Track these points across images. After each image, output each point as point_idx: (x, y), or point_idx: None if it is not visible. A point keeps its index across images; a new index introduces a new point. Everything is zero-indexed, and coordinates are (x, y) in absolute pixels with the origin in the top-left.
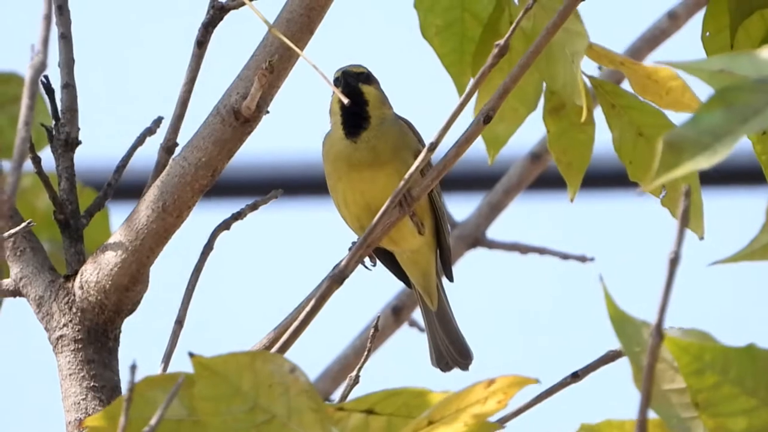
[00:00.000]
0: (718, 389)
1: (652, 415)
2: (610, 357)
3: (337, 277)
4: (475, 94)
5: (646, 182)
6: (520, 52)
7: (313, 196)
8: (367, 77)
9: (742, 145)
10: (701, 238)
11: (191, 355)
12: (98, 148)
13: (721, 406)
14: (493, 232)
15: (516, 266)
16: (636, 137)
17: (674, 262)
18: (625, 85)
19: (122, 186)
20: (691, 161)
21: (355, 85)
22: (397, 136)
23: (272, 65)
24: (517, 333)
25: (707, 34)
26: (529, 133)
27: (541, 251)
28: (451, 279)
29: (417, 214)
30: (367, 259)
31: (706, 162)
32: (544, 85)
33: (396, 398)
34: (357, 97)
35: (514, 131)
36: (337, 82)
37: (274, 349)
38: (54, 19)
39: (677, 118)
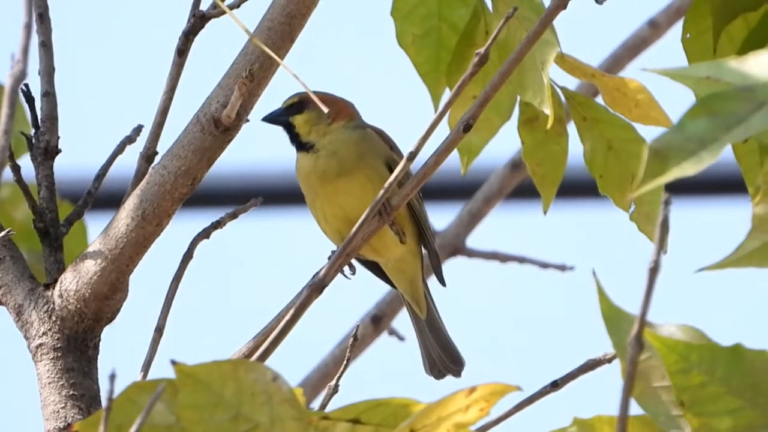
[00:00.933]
0: (704, 389)
1: (639, 411)
2: (589, 366)
3: (317, 286)
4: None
5: (616, 196)
6: (495, 63)
7: (292, 205)
8: (299, 105)
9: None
10: (664, 252)
11: (173, 362)
12: (78, 156)
13: (706, 406)
14: (473, 240)
15: (496, 275)
16: (606, 150)
17: (654, 271)
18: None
19: (101, 195)
20: (677, 168)
21: (284, 120)
22: (356, 141)
23: (252, 74)
24: (497, 341)
25: (688, 36)
26: (509, 142)
27: (521, 260)
28: (443, 284)
29: (397, 222)
30: (346, 268)
31: (691, 169)
32: (518, 96)
33: (383, 408)
34: (290, 130)
35: (488, 141)
36: (268, 121)
37: (253, 358)
38: (34, 27)
39: (646, 131)
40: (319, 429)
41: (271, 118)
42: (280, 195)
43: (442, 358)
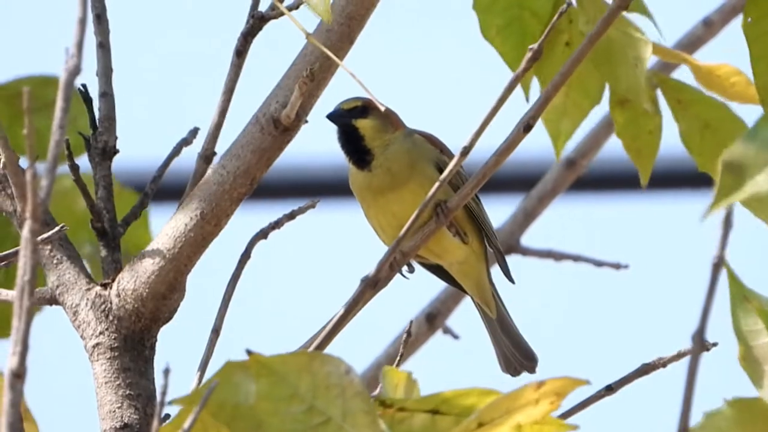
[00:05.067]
0: None
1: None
2: (644, 370)
3: (371, 282)
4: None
5: (717, 174)
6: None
7: (349, 201)
8: (363, 110)
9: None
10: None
11: (249, 352)
12: (136, 154)
13: None
14: (527, 238)
15: (551, 273)
16: (703, 129)
17: (717, 267)
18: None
19: (159, 189)
20: (751, 182)
21: (348, 122)
22: (407, 154)
23: (313, 73)
24: (551, 342)
25: (749, 20)
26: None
27: (575, 258)
28: (512, 281)
29: (457, 224)
30: (404, 268)
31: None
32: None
33: (463, 398)
34: (353, 133)
35: (579, 125)
36: (332, 119)
37: None
38: (92, 28)
39: (743, 110)
40: (395, 420)
41: (335, 117)
42: (337, 191)
43: (516, 355)
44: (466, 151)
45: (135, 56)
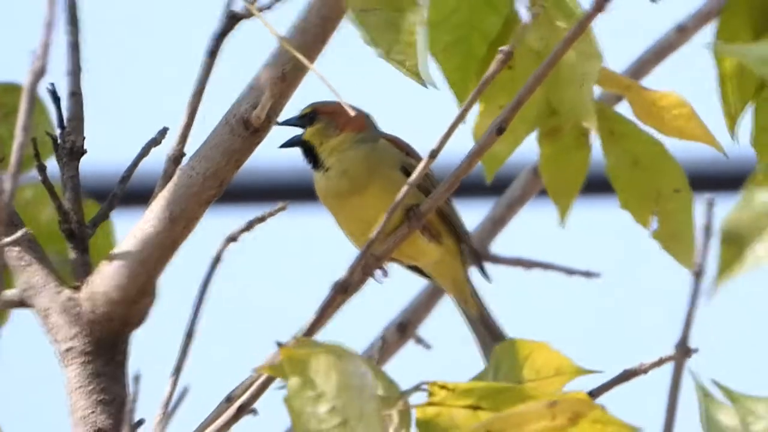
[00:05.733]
0: None
1: None
2: (625, 376)
3: (341, 287)
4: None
5: (637, 213)
6: (526, 73)
7: (321, 204)
8: (312, 116)
9: None
10: (692, 270)
11: (280, 345)
12: (103, 156)
13: None
14: (496, 246)
15: (520, 281)
16: (631, 166)
17: (698, 275)
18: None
19: (127, 191)
20: (752, 253)
21: (298, 136)
22: (365, 157)
23: (285, 74)
24: None
25: (717, 42)
26: (533, 146)
27: (545, 266)
28: (488, 280)
29: (431, 226)
30: (378, 272)
31: None
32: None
33: (505, 395)
34: (303, 142)
35: (513, 151)
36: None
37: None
38: (64, 28)
39: (679, 146)
40: (427, 415)
41: (289, 124)
42: (308, 192)
43: None
44: (434, 153)
45: (104, 55)
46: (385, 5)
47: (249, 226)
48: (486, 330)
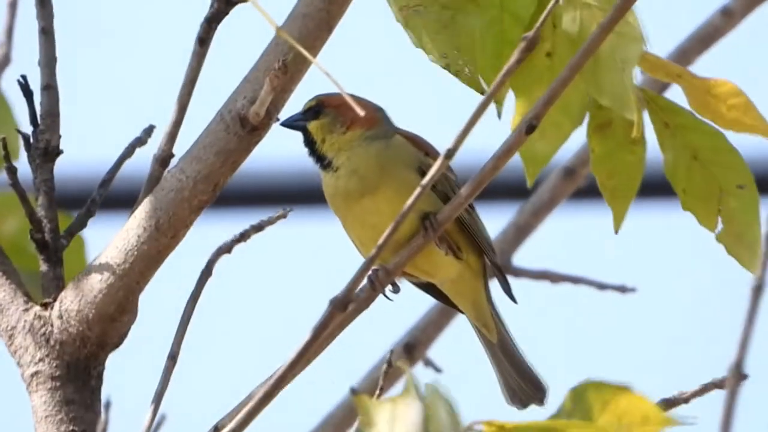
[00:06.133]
0: None
1: None
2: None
3: (340, 304)
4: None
5: (701, 213)
6: (565, 60)
7: (325, 210)
8: (317, 109)
9: None
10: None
11: (354, 392)
12: (81, 157)
13: None
14: (520, 257)
15: (548, 295)
16: (691, 161)
17: (757, 291)
18: (676, 97)
19: (108, 196)
20: None
21: (302, 126)
22: (377, 155)
23: (286, 65)
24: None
25: None
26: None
27: (575, 280)
28: (514, 300)
29: (449, 238)
30: (389, 288)
31: None
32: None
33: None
34: (307, 138)
35: (557, 149)
36: (287, 126)
37: (265, 388)
38: (34, 12)
39: (739, 140)
40: None
41: (290, 123)
42: (312, 195)
43: (522, 385)
44: (450, 153)
45: (82, 43)
46: (434, 3)
47: (244, 236)
48: (507, 359)
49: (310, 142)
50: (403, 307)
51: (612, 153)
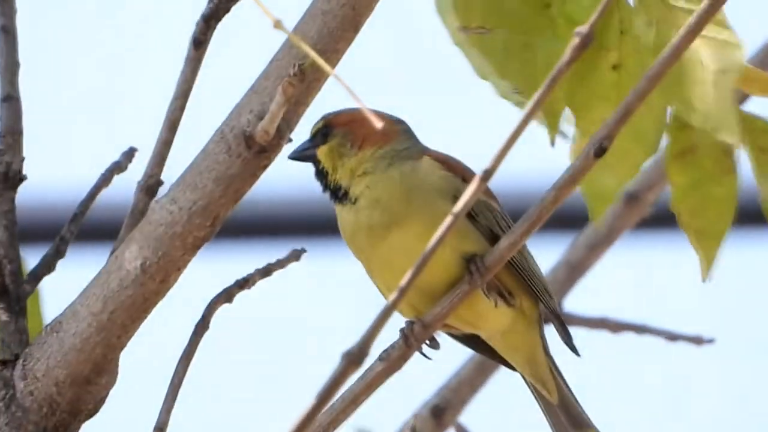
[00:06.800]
0: None
1: None
2: None
3: (355, 357)
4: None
5: None
6: (635, 74)
7: (342, 243)
8: (324, 131)
9: None
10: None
11: None
12: (49, 184)
13: None
14: (573, 300)
15: (607, 346)
16: None
17: None
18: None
19: (82, 232)
20: None
21: (312, 155)
22: (402, 178)
23: (303, 71)
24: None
25: None
26: None
27: (640, 329)
28: (576, 353)
29: (499, 282)
30: (426, 344)
31: None
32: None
33: None
34: (317, 167)
35: (628, 180)
36: (295, 158)
37: None
38: None
39: None
40: None
41: (299, 154)
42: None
43: None
44: (487, 174)
45: (51, 46)
46: (508, 23)
47: (247, 282)
48: (571, 424)
49: (321, 173)
50: (432, 360)
51: (697, 185)
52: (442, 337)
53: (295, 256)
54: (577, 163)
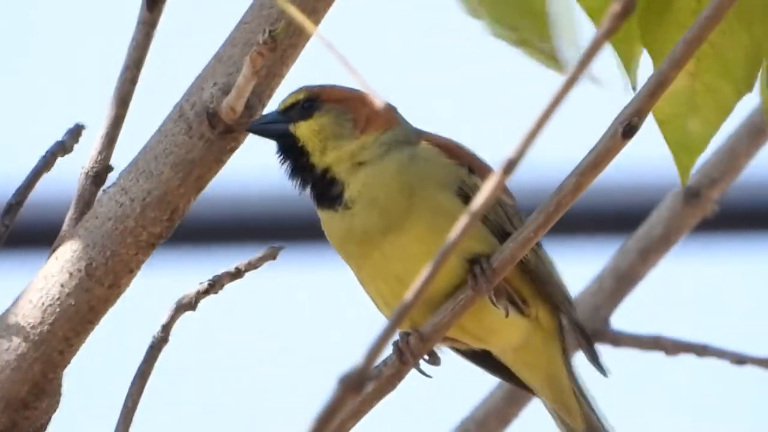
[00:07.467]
0: None
1: None
2: None
3: (354, 383)
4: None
5: None
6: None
7: (325, 243)
8: (308, 105)
9: None
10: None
11: None
12: None
13: None
14: (620, 317)
15: (660, 367)
16: None
17: None
18: None
19: (18, 227)
20: None
21: (281, 130)
22: (399, 170)
23: (274, 38)
24: None
25: None
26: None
27: (700, 350)
28: (603, 372)
29: (510, 288)
30: (424, 359)
31: None
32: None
33: None
34: (290, 148)
35: (718, 127)
36: (254, 130)
37: None
38: None
39: None
40: None
41: (262, 126)
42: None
43: None
44: (510, 165)
45: None
46: None
47: (215, 286)
48: None
49: (295, 152)
50: (453, 387)
51: None
52: (455, 357)
53: (272, 254)
54: (599, 146)
